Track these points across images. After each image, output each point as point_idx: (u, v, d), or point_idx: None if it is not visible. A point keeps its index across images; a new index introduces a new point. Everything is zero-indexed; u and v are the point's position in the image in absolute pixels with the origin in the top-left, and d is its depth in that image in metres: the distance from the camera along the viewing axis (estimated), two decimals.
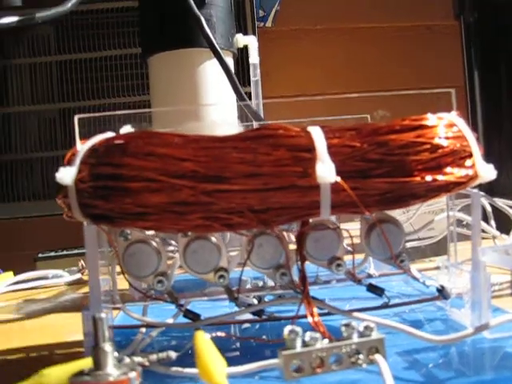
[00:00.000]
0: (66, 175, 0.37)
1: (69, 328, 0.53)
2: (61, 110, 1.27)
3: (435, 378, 0.34)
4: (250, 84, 0.97)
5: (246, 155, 0.36)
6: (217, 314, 0.42)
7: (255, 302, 0.47)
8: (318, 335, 0.31)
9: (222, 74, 0.81)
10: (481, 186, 1.02)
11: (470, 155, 0.40)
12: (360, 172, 0.37)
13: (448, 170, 0.38)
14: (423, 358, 0.38)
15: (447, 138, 0.39)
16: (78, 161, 0.37)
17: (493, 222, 0.64)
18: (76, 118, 0.42)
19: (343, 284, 0.45)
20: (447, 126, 0.39)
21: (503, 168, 0.96)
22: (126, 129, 0.45)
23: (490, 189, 0.96)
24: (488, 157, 1.00)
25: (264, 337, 0.46)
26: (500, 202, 0.64)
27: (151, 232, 0.42)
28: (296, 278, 0.41)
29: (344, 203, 0.37)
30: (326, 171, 0.35)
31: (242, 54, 0.95)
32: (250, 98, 0.96)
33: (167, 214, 0.36)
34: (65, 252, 0.92)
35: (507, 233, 0.61)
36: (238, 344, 0.44)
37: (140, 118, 0.45)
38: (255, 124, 0.80)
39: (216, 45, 0.80)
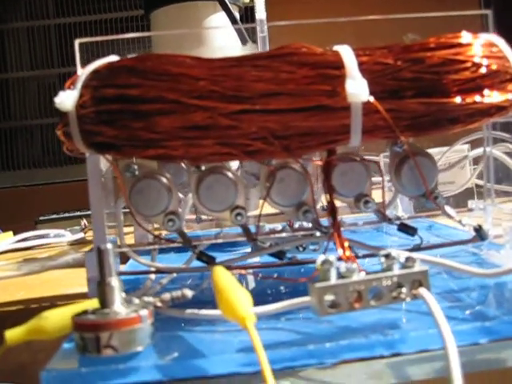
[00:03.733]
0: (66, 99, 0.33)
1: (71, 282, 0.50)
2: (60, 75, 1.23)
3: (485, 316, 0.30)
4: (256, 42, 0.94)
5: (267, 73, 0.32)
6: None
7: None
8: (355, 266, 0.28)
9: (228, 28, 0.78)
10: None
11: None
12: (393, 92, 0.33)
13: (489, 92, 0.34)
14: (467, 298, 0.34)
15: (488, 57, 0.35)
16: (78, 85, 0.34)
17: None
18: (77, 42, 0.38)
19: (370, 227, 0.41)
20: (487, 45, 0.35)
21: None
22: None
23: None
24: None
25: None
26: None
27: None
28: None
29: (376, 127, 0.33)
30: (357, 89, 0.31)
31: (246, 15, 0.91)
32: None
33: (180, 139, 0.32)
34: (66, 214, 0.88)
35: None
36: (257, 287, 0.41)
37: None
38: None
39: None
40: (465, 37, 0.35)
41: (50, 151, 1.25)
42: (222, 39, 0.80)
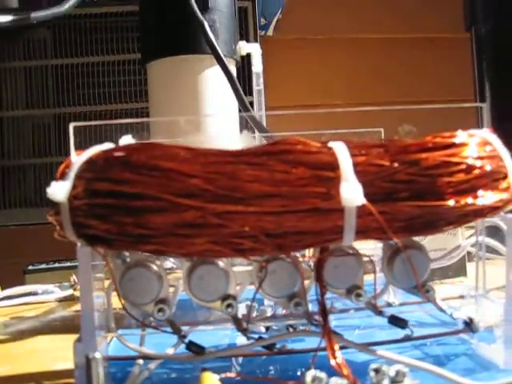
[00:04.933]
0: (59, 191, 0.33)
1: (57, 353, 0.49)
2: (56, 116, 1.23)
3: None
4: (252, 94, 0.95)
5: (262, 173, 0.32)
6: (221, 343, 0.38)
7: (263, 329, 0.43)
8: (344, 382, 0.27)
9: (224, 82, 0.78)
10: None
11: (505, 176, 0.36)
12: (388, 194, 0.33)
13: (482, 193, 0.34)
14: None
15: (482, 157, 0.35)
16: (72, 175, 0.33)
17: None
18: (71, 125, 0.38)
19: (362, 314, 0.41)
20: (481, 145, 0.36)
21: None
22: (126, 139, 0.41)
23: None
24: None
25: (271, 369, 0.41)
26: None
27: None
28: (311, 307, 0.38)
29: (369, 228, 0.33)
30: (352, 193, 0.31)
31: (243, 63, 0.92)
32: (253, 108, 0.93)
33: (172, 236, 0.32)
34: (56, 264, 0.87)
35: None
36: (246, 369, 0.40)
37: (139, 128, 0.41)
38: (257, 135, 0.76)
39: (219, 51, 0.77)
40: (460, 136, 0.35)
41: (43, 191, 1.24)
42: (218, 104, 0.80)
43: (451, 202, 0.33)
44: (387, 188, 0.33)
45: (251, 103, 0.95)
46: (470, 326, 0.40)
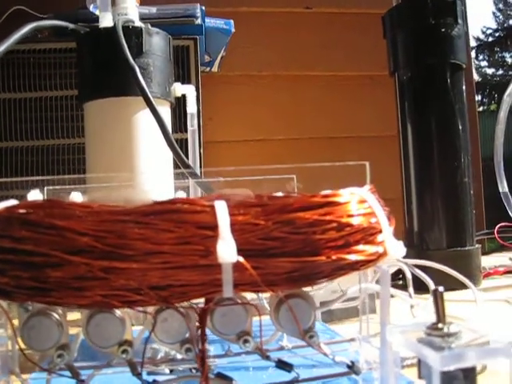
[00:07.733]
0: None
1: None
2: None
3: None
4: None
5: (148, 231, 0.35)
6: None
7: (167, 371, 0.46)
8: None
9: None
10: (412, 239, 1.02)
11: (380, 231, 0.40)
12: (263, 251, 0.36)
13: (357, 247, 0.38)
14: None
15: (357, 215, 0.38)
16: None
17: (411, 289, 0.64)
18: None
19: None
20: (358, 203, 0.39)
21: (435, 221, 0.97)
22: (34, 193, 0.44)
23: (422, 242, 0.97)
24: (420, 210, 1.02)
25: None
26: (419, 271, 0.64)
27: None
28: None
29: (247, 282, 0.36)
30: (226, 251, 0.34)
31: (184, 100, 0.95)
32: (187, 145, 0.97)
33: (66, 290, 0.35)
34: None
35: None
36: None
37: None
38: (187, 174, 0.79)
39: (149, 95, 0.80)
40: (339, 195, 0.39)
41: None
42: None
43: (323, 258, 0.37)
44: (262, 245, 0.36)
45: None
46: (352, 368, 0.43)
